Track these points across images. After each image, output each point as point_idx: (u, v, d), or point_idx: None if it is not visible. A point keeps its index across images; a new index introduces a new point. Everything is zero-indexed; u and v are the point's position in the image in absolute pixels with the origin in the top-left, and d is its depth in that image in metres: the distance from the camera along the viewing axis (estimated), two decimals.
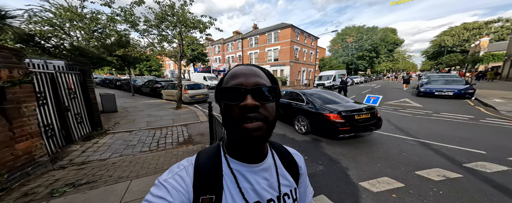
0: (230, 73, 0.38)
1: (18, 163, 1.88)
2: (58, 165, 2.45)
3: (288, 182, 0.45)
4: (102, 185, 2.00)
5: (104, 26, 6.72)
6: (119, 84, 14.37)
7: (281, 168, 0.45)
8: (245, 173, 0.39)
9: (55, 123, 2.76)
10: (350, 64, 32.15)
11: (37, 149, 2.12)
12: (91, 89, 3.85)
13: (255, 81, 0.35)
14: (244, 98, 0.33)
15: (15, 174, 1.84)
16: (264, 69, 0.41)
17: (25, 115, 1.98)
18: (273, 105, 0.37)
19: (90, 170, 2.38)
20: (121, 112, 6.18)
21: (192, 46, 17.19)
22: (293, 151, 0.52)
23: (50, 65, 2.85)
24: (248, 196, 0.37)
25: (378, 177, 2.23)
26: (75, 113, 3.34)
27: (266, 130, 0.34)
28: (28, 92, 2.05)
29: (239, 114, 0.33)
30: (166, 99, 9.11)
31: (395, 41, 40.71)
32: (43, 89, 2.58)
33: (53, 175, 2.17)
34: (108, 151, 3.05)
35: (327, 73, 17.19)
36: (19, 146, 1.89)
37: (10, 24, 2.69)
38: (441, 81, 9.73)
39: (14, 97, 1.87)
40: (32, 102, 2.10)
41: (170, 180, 0.36)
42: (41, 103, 2.52)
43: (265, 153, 0.43)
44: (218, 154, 0.41)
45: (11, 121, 1.82)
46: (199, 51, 19.46)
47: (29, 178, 1.99)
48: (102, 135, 3.81)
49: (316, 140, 3.59)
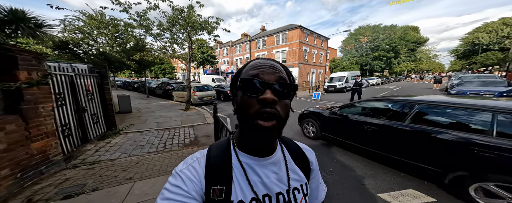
0: (251, 65, 0.38)
1: (32, 162, 1.95)
2: (71, 164, 2.53)
3: (298, 176, 0.45)
4: (106, 186, 1.99)
5: (123, 31, 7.23)
6: (136, 86, 15.40)
7: (290, 162, 0.45)
8: (254, 166, 0.40)
9: (72, 123, 2.90)
10: (364, 65, 30.48)
11: (52, 148, 2.20)
12: (107, 90, 4.05)
13: (276, 76, 0.35)
14: (263, 91, 0.33)
15: (28, 173, 1.90)
16: (283, 65, 0.41)
17: (42, 115, 2.07)
18: (289, 103, 0.37)
19: (99, 170, 2.41)
20: (134, 113, 6.47)
21: (202, 49, 17.81)
22: (303, 146, 0.52)
23: (75, 68, 3.03)
24: (257, 188, 0.38)
25: (402, 189, 1.93)
26: (92, 113, 3.50)
27: (279, 129, 0.34)
28: (46, 93, 2.15)
29: (256, 107, 0.33)
30: (177, 100, 9.41)
31: (418, 39, 37.63)
32: (62, 90, 2.72)
33: (64, 175, 2.23)
34: (119, 151, 3.11)
35: (338, 74, 16.37)
36: (34, 145, 1.97)
37: (44, 32, 2.94)
38: (476, 82, 8.58)
39: (32, 97, 1.96)
40: (50, 102, 2.20)
41: (185, 170, 0.38)
42: (59, 103, 2.65)
43: (274, 147, 0.43)
44: (228, 147, 0.42)
45: (27, 121, 1.90)
46: (208, 54, 20.07)
47: (42, 177, 2.06)
48: (115, 135, 3.95)
49: (326, 145, 3.30)
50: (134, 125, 4.88)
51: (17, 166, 1.79)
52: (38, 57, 2.03)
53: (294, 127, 4.26)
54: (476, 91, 7.54)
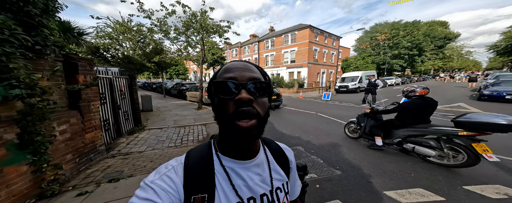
0: (224, 68, 0.38)
1: (86, 150, 2.38)
2: (110, 154, 2.98)
3: (280, 176, 0.46)
4: (138, 174, 2.35)
5: (145, 36, 7.94)
6: (154, 87, 16.54)
7: (273, 163, 0.46)
8: (238, 170, 0.39)
9: (110, 119, 3.38)
10: (381, 64, 28.69)
11: (98, 139, 2.64)
12: (135, 91, 4.57)
13: (249, 75, 0.35)
14: (238, 92, 0.33)
15: (83, 159, 2.33)
16: (257, 65, 0.41)
17: (92, 111, 2.50)
18: (266, 101, 0.37)
19: (131, 160, 2.81)
20: (155, 111, 7.08)
21: (212, 51, 18.45)
22: (284, 146, 0.53)
23: (109, 71, 3.54)
24: (242, 192, 0.37)
25: (410, 188, 1.94)
26: (124, 111, 4.00)
27: (259, 128, 0.34)
28: (95, 93, 2.59)
29: (233, 108, 0.32)
30: (190, 100, 9.96)
31: (446, 35, 34.32)
32: (104, 91, 3.21)
33: (106, 162, 2.66)
34: (145, 145, 3.53)
35: (351, 74, 15.72)
36: (87, 136, 2.40)
37: (84, 39, 3.47)
38: None
39: (86, 97, 2.40)
40: (97, 101, 2.65)
41: (157, 181, 0.35)
42: (102, 102, 3.13)
43: (257, 149, 0.43)
44: (210, 153, 0.41)
45: (84, 116, 2.33)
46: (218, 55, 20.69)
47: (91, 163, 2.49)
48: (141, 131, 4.44)
49: (334, 144, 3.36)
50: (156, 122, 5.39)
51: (76, 152, 2.22)
52: (91, 63, 2.47)
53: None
54: None
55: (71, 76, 2.21)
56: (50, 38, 1.77)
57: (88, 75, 2.41)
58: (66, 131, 2.05)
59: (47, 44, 1.74)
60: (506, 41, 31.06)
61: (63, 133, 2.01)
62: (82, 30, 3.41)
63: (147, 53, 8.28)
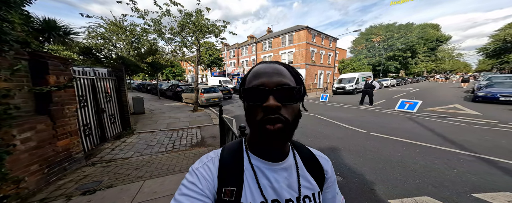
0: (253, 72, 0.38)
1: (57, 158, 2.13)
2: (90, 162, 2.72)
3: (310, 184, 0.43)
4: (119, 184, 2.11)
5: (139, 36, 7.71)
6: (149, 88, 16.24)
7: (302, 169, 0.45)
8: (265, 170, 0.40)
9: (92, 123, 3.13)
10: (377, 65, 29.11)
11: (74, 146, 2.39)
12: (123, 93, 4.32)
13: (277, 80, 0.35)
14: (266, 99, 0.33)
15: (54, 169, 2.08)
16: (288, 66, 0.40)
17: (67, 115, 2.26)
18: (296, 106, 0.37)
19: (114, 168, 2.56)
20: (147, 114, 6.80)
21: (209, 52, 18.29)
22: (317, 153, 0.50)
23: (93, 72, 3.30)
24: (266, 192, 0.38)
25: (416, 196, 1.83)
26: (109, 114, 3.75)
27: (287, 131, 0.34)
28: (71, 96, 2.35)
29: (261, 114, 0.33)
30: (185, 102, 9.73)
31: (438, 38, 35.32)
32: (84, 92, 2.96)
33: (84, 171, 2.40)
34: (132, 150, 3.28)
35: (348, 75, 15.75)
36: (60, 143, 2.16)
37: (72, 39, 3.25)
38: (509, 83, 7.79)
39: (59, 99, 2.16)
40: (74, 104, 2.41)
41: (200, 169, 0.39)
42: (82, 105, 2.89)
43: (286, 152, 0.43)
44: (241, 150, 0.43)
45: (55, 121, 2.09)
46: (215, 56, 20.55)
47: (66, 173, 2.24)
48: (129, 135, 4.18)
49: (334, 148, 3.21)
50: (147, 125, 5.13)
51: (45, 162, 1.97)
52: (65, 63, 2.25)
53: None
54: (508, 93, 6.85)
55: (40, 77, 1.98)
56: (9, 32, 1.54)
57: (61, 76, 2.18)
58: (30, 139, 1.81)
59: (6, 40, 1.52)
60: (494, 44, 32.24)
61: (26, 142, 1.77)
62: (70, 29, 3.19)
63: (141, 54, 8.05)
